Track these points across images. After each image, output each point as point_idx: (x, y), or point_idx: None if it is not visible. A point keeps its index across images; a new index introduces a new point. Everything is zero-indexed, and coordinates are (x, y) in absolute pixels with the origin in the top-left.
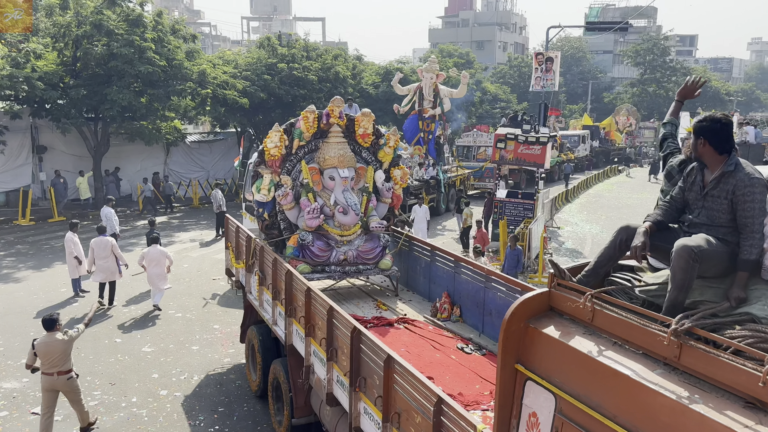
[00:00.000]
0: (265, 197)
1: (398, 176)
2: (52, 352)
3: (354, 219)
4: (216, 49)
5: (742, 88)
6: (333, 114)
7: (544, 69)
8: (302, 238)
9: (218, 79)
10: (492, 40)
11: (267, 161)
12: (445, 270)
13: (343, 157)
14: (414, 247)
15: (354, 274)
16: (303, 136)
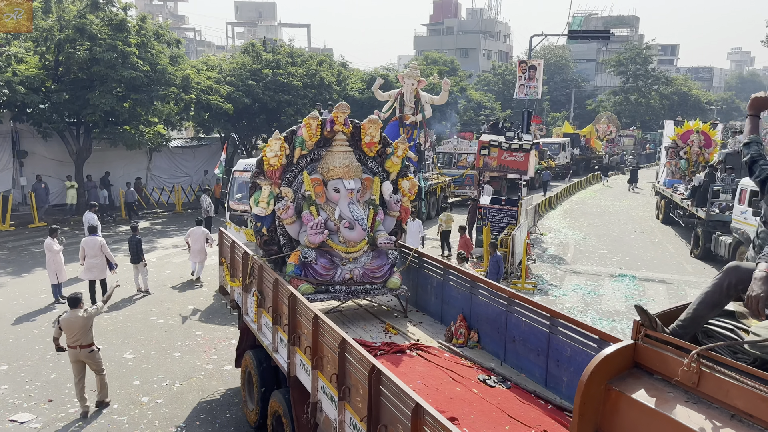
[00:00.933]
0: (264, 211)
1: (407, 187)
2: (74, 327)
3: (361, 234)
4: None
5: (722, 96)
6: (338, 121)
7: (527, 77)
8: (304, 256)
9: (202, 84)
10: (476, 48)
11: (266, 172)
12: (460, 291)
13: (349, 167)
14: (424, 264)
15: (360, 294)
16: (305, 144)
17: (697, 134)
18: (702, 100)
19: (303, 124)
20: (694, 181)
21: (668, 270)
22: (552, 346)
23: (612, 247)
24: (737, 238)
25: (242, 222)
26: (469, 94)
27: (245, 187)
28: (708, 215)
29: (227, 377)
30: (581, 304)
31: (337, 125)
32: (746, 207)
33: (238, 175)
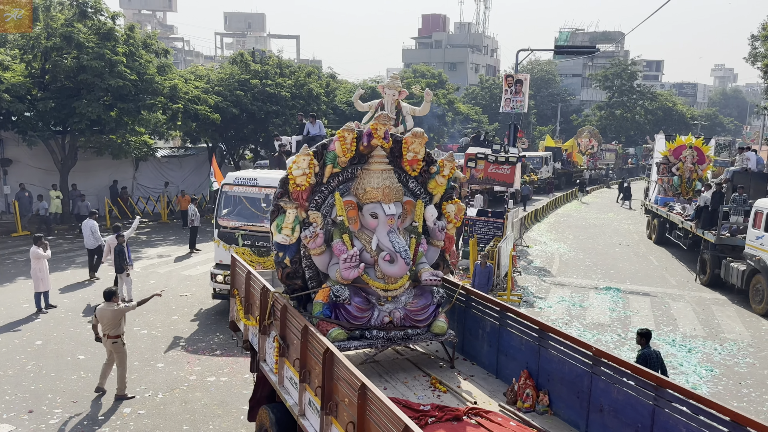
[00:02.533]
0: (288, 238)
1: (452, 212)
2: (104, 318)
3: (403, 269)
4: (189, 64)
5: (705, 112)
6: (377, 134)
7: (513, 91)
8: (336, 294)
9: (190, 94)
10: (464, 62)
11: (291, 193)
12: (524, 339)
13: (389, 189)
14: (473, 303)
15: (401, 340)
16: (338, 161)
17: (690, 150)
18: (686, 115)
19: (336, 138)
20: (699, 201)
21: (652, 283)
22: (658, 424)
23: (597, 260)
24: (752, 266)
25: (232, 239)
26: (456, 107)
27: (232, 202)
28: (718, 239)
29: (210, 388)
30: (566, 316)
31: (375, 139)
32: (763, 232)
33: (227, 189)
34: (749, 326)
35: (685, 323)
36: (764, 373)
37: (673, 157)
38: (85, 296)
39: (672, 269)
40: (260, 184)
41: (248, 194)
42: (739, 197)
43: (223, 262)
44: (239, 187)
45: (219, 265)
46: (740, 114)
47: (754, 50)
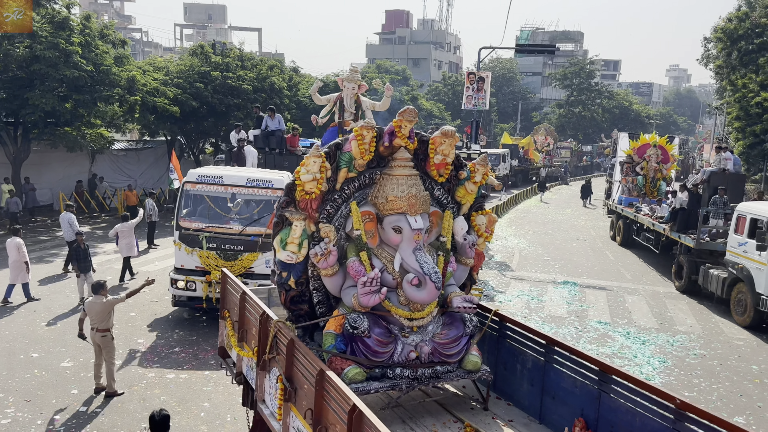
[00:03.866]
0: (295, 256)
1: (483, 225)
2: (93, 311)
3: (433, 295)
4: (147, 55)
5: (660, 111)
6: (400, 133)
7: (475, 88)
8: (353, 325)
9: (148, 86)
10: (427, 58)
11: (299, 201)
12: (579, 381)
13: (415, 198)
14: (508, 333)
15: (429, 379)
16: (354, 164)
17: (654, 148)
18: (642, 114)
19: (353, 136)
20: (675, 203)
21: (608, 277)
22: None
23: (555, 255)
24: (734, 274)
25: (195, 242)
26: (420, 104)
27: (193, 201)
28: (698, 243)
29: (170, 386)
30: (525, 310)
31: (398, 138)
32: (746, 238)
33: (189, 188)
34: (700, 319)
35: (639, 316)
36: (713, 363)
37: (637, 156)
38: (42, 292)
39: (628, 264)
40: (226, 183)
41: (213, 193)
42: (719, 199)
43: (184, 266)
44: (203, 185)
45: (180, 270)
46: (693, 113)
47: (706, 52)
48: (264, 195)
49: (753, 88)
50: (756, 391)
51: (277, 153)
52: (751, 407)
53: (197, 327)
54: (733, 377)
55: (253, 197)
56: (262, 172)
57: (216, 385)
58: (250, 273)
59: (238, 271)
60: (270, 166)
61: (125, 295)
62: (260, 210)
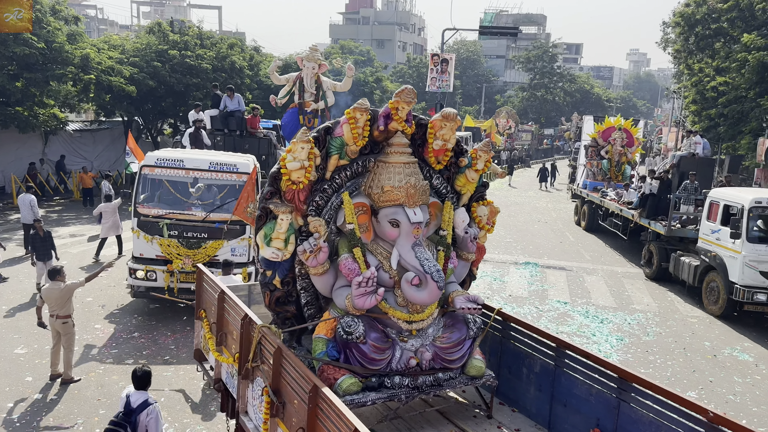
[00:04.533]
0: (281, 254)
1: (484, 216)
2: (51, 298)
3: (435, 295)
4: (102, 33)
5: (620, 95)
6: (397, 115)
7: (440, 70)
8: (347, 330)
9: (103, 64)
10: (392, 40)
11: (285, 192)
12: (595, 389)
13: (414, 187)
14: (512, 333)
15: (430, 388)
16: (346, 150)
17: (620, 131)
18: (603, 97)
19: (345, 120)
20: (644, 188)
21: (568, 258)
22: None
23: (517, 236)
24: (706, 262)
25: (155, 229)
26: (384, 85)
27: (152, 186)
28: (669, 230)
29: (128, 371)
30: (488, 291)
31: (395, 122)
32: (719, 225)
33: (148, 172)
34: (656, 298)
35: (597, 296)
36: (668, 341)
37: (601, 140)
38: None
39: (587, 245)
40: (187, 167)
41: (173, 177)
42: (690, 185)
43: (143, 255)
44: (162, 169)
45: (138, 259)
46: (652, 97)
47: (665, 36)
48: (228, 179)
49: (709, 73)
50: (708, 367)
51: (237, 135)
52: (704, 382)
53: (156, 312)
54: (687, 353)
55: (217, 182)
56: (225, 156)
57: (176, 370)
58: (215, 261)
59: (201, 260)
60: (229, 148)
61: (84, 279)
62: (224, 195)
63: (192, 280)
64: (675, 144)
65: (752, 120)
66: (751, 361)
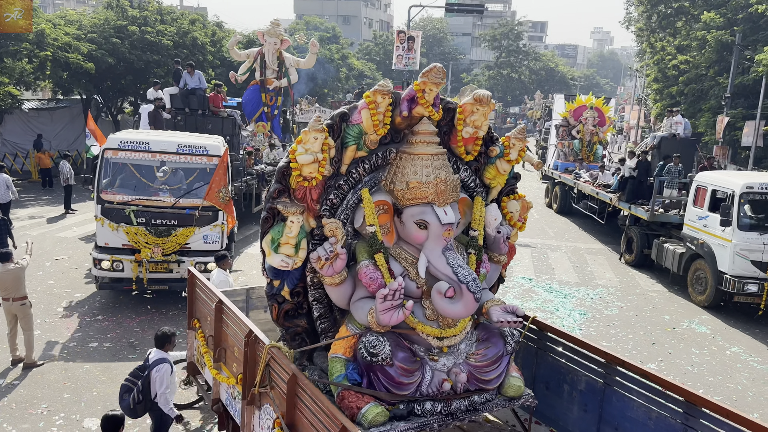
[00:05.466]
0: (292, 261)
1: (515, 212)
2: (6, 280)
3: (472, 307)
4: (58, 8)
5: (584, 73)
6: (423, 99)
7: (406, 47)
8: (371, 350)
9: (59, 40)
10: (358, 16)
11: (295, 190)
12: (654, 413)
13: (445, 183)
14: (550, 344)
15: (466, 413)
16: (364, 140)
17: (591, 111)
18: (567, 76)
19: (363, 104)
20: (623, 171)
21: (532, 235)
22: None
23: None
24: (693, 250)
25: (121, 217)
26: (350, 63)
27: (116, 170)
28: (651, 215)
29: (93, 354)
30: None
31: (421, 106)
32: (707, 211)
33: (111, 155)
34: (618, 273)
35: (561, 271)
36: (629, 314)
37: (573, 119)
38: None
39: (551, 222)
40: (153, 149)
41: (138, 161)
42: (674, 167)
43: (108, 244)
44: (126, 152)
45: (103, 249)
46: (615, 75)
47: (628, 15)
48: (198, 163)
49: (671, 51)
50: (667, 339)
51: (199, 114)
52: (663, 354)
53: (120, 294)
54: (647, 326)
55: (186, 165)
56: (194, 137)
57: (142, 353)
58: (186, 250)
59: (171, 248)
60: (191, 128)
61: (29, 255)
62: (194, 179)
63: (162, 270)
64: (637, 122)
65: (711, 98)
66: (708, 333)
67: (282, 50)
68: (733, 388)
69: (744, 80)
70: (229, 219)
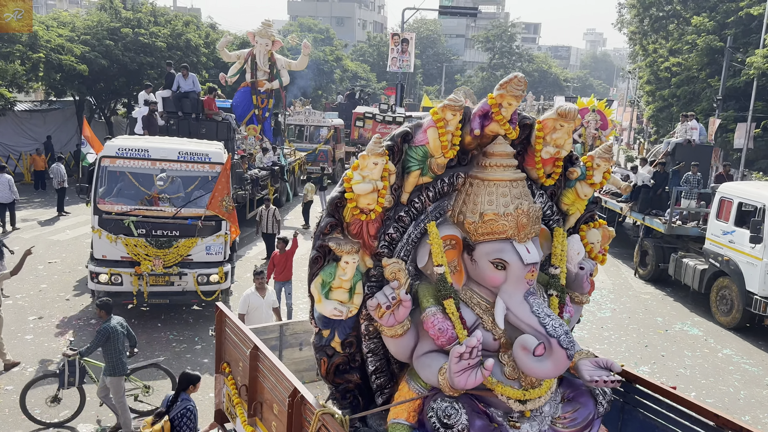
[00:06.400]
0: (346, 309)
1: (596, 243)
2: None
3: (563, 366)
4: (51, 9)
5: (578, 75)
6: (500, 115)
7: (400, 50)
8: (444, 420)
9: (53, 42)
10: (352, 17)
11: (350, 225)
12: None
13: (527, 215)
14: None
15: None
16: (431, 164)
17: (593, 113)
18: (560, 77)
19: (430, 122)
20: (637, 179)
21: None
22: None
23: None
24: (716, 266)
25: (120, 228)
26: (344, 65)
27: (114, 179)
28: (669, 228)
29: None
30: None
31: (495, 123)
32: (732, 226)
33: (108, 164)
34: (611, 275)
35: None
36: (623, 317)
37: None
38: None
39: None
40: (153, 157)
41: (138, 169)
42: (692, 177)
43: (106, 257)
44: (124, 160)
45: (101, 261)
46: (608, 77)
47: (621, 17)
48: (200, 171)
49: (663, 54)
50: (660, 342)
51: (193, 118)
52: (656, 357)
53: None
54: (640, 329)
55: (187, 173)
56: (195, 144)
57: (135, 357)
58: (188, 261)
59: (173, 260)
60: (184, 133)
61: (9, 272)
62: (196, 188)
63: (162, 283)
64: (630, 123)
65: (703, 100)
66: (700, 335)
67: (273, 51)
68: (725, 390)
69: (735, 83)
70: (232, 229)
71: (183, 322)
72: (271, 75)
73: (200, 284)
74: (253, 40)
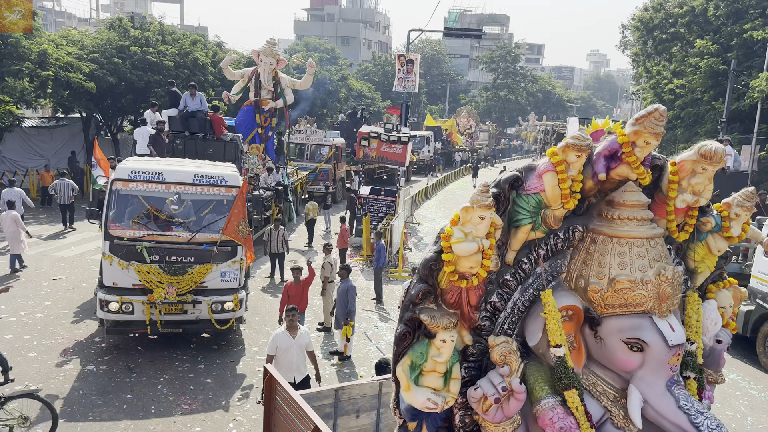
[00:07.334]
0: (441, 400)
1: (728, 307)
2: None
3: None
4: (60, 27)
5: (581, 95)
6: (633, 156)
7: (406, 70)
8: None
9: (61, 60)
10: (357, 37)
11: (446, 292)
12: None
13: (671, 283)
14: None
15: None
16: (547, 217)
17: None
18: (564, 98)
19: (548, 165)
20: None
21: None
22: None
23: None
24: (764, 309)
25: (132, 254)
26: (350, 84)
27: (125, 203)
28: None
29: (90, 377)
30: None
31: (626, 165)
32: None
33: (120, 187)
34: None
35: None
36: None
37: None
38: None
39: None
40: (167, 180)
41: (151, 193)
42: None
43: (117, 284)
44: (137, 183)
45: (111, 289)
46: (612, 97)
47: (624, 39)
48: (216, 194)
49: (666, 76)
50: None
51: (200, 138)
52: None
53: None
54: None
55: (202, 197)
56: (210, 167)
57: (138, 376)
58: (202, 288)
59: (187, 288)
60: (190, 153)
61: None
62: (210, 212)
63: (176, 311)
64: None
65: (707, 122)
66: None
67: (278, 70)
68: (732, 416)
69: (739, 106)
70: (248, 254)
71: (186, 341)
72: (275, 94)
73: (214, 312)
74: (257, 58)
